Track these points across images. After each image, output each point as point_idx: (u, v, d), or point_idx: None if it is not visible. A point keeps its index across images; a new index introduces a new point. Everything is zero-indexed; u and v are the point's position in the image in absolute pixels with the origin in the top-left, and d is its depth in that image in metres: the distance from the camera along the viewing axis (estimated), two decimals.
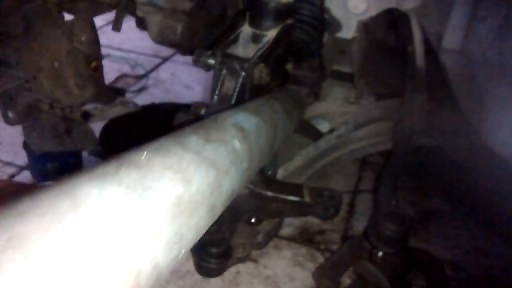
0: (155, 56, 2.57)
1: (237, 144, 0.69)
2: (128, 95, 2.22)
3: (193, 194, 0.54)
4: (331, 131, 1.42)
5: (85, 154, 1.65)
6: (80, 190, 0.41)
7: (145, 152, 0.52)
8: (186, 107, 1.02)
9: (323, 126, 1.45)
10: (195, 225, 0.54)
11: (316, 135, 1.41)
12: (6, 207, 0.37)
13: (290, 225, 1.45)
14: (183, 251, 0.52)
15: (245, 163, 0.70)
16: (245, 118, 0.77)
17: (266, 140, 0.82)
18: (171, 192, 0.50)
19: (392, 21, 1.27)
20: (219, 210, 0.63)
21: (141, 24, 1.35)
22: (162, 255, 0.46)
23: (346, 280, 1.24)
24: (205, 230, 0.59)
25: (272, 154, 0.94)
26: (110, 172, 0.45)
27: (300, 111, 1.20)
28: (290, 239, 1.42)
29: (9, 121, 1.41)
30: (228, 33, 1.06)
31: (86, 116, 1.84)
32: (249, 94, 0.98)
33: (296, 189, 0.97)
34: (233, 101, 0.97)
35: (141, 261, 0.42)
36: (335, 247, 1.39)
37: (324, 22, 1.25)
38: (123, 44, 2.63)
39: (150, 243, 0.44)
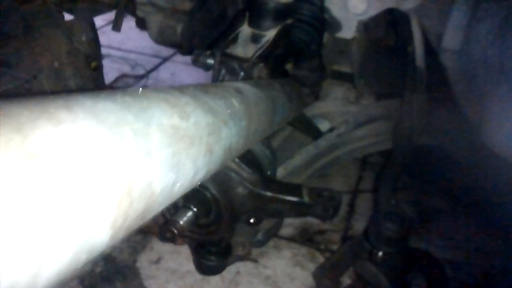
0: (155, 56, 2.57)
1: (235, 102, 0.68)
2: None
3: (191, 127, 0.52)
4: (331, 130, 1.42)
5: None
6: (74, 98, 0.40)
7: (141, 88, 0.51)
8: None
9: (323, 126, 1.44)
10: (193, 158, 0.52)
11: (316, 134, 1.41)
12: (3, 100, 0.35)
13: (290, 225, 1.45)
14: (180, 181, 0.50)
15: (243, 121, 0.69)
16: (244, 86, 0.77)
17: (264, 109, 0.81)
18: (167, 118, 0.49)
19: (392, 21, 1.26)
20: (217, 156, 0.61)
21: (141, 24, 1.35)
22: (156, 174, 0.44)
23: (346, 280, 1.24)
24: (203, 173, 0.58)
25: (272, 130, 0.93)
26: (105, 93, 0.45)
27: (300, 98, 1.19)
28: (290, 239, 1.42)
29: None
30: (227, 33, 1.06)
31: None
32: None
33: (295, 189, 0.97)
34: None
35: (133, 175, 0.41)
36: (335, 247, 1.39)
37: (324, 22, 1.25)
38: (123, 44, 2.63)
39: (144, 159, 0.43)
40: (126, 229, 0.41)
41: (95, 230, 0.37)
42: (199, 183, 0.58)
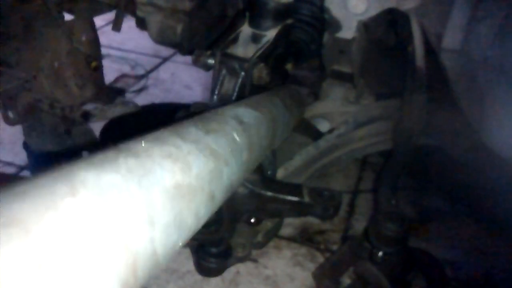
0: (155, 56, 2.57)
1: (236, 135, 0.69)
2: (128, 95, 2.22)
3: (193, 180, 0.53)
4: (331, 130, 1.42)
5: (85, 154, 1.65)
6: (78, 176, 0.40)
7: (143, 142, 0.51)
8: (186, 107, 1.02)
9: (323, 126, 1.45)
10: (195, 212, 0.53)
11: (316, 134, 1.41)
12: (2, 189, 0.36)
13: (290, 225, 1.45)
14: (182, 239, 0.51)
15: (244, 155, 0.70)
16: (244, 112, 0.77)
17: (265, 134, 0.81)
18: (170, 178, 0.49)
19: (392, 21, 1.26)
20: (219, 199, 0.62)
21: (141, 24, 1.35)
22: (160, 241, 0.45)
23: (346, 280, 1.24)
24: (205, 219, 0.58)
25: (272, 149, 0.93)
26: (108, 159, 0.45)
27: (300, 108, 1.20)
28: (290, 239, 1.42)
29: (9, 121, 1.41)
30: (227, 33, 1.06)
31: (86, 116, 1.83)
32: (249, 94, 0.98)
33: (295, 189, 0.97)
34: None
35: (138, 248, 0.41)
36: (335, 247, 1.39)
37: (324, 22, 1.25)
38: (123, 44, 2.63)
39: (148, 227, 0.43)
40: None
41: None
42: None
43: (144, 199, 0.44)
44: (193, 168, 0.54)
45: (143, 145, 0.51)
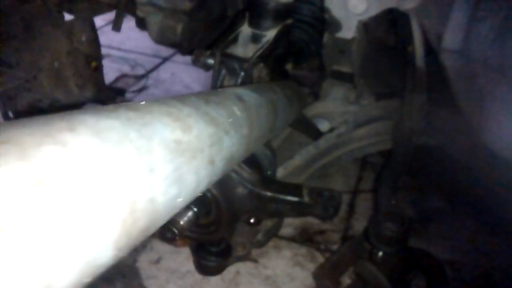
0: (155, 56, 2.57)
1: (237, 110, 0.69)
2: (128, 95, 2.22)
3: (193, 139, 0.53)
4: (331, 130, 1.42)
5: None
6: (77, 117, 0.40)
7: (143, 102, 0.51)
8: None
9: (323, 126, 1.44)
10: (195, 170, 0.53)
11: (316, 134, 1.41)
12: (4, 123, 0.36)
13: (290, 225, 1.45)
14: (182, 195, 0.51)
15: (245, 129, 0.70)
16: (245, 92, 0.77)
17: (266, 116, 0.81)
18: (169, 132, 0.49)
19: (392, 21, 1.26)
20: (218, 166, 0.61)
21: (141, 24, 1.35)
22: (158, 190, 0.45)
23: (346, 280, 1.24)
24: (205, 183, 0.58)
25: (273, 134, 0.93)
26: (108, 109, 0.45)
27: (301, 102, 1.19)
28: (290, 239, 1.42)
29: None
30: (227, 33, 1.06)
31: None
32: None
33: (295, 189, 0.97)
34: None
35: (136, 191, 0.41)
36: (335, 247, 1.39)
37: (324, 22, 1.25)
38: (123, 44, 2.63)
39: (147, 174, 0.43)
40: (129, 247, 0.42)
41: (99, 252, 0.37)
42: (200, 193, 0.58)
43: (144, 145, 0.44)
44: (193, 128, 0.54)
45: (143, 103, 0.51)
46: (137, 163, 0.42)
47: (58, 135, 0.36)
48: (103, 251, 0.37)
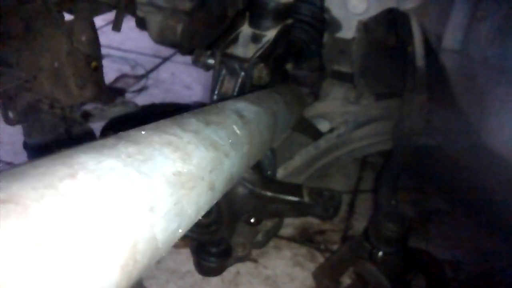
0: (155, 56, 2.57)
1: (237, 129, 0.68)
2: (128, 95, 2.22)
3: (193, 169, 0.53)
4: (331, 130, 1.42)
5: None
6: (77, 160, 0.40)
7: (143, 131, 0.51)
8: (186, 107, 1.02)
9: (323, 126, 1.45)
10: (195, 200, 0.53)
11: (316, 134, 1.41)
12: (2, 171, 0.36)
13: (290, 225, 1.45)
14: (182, 227, 0.50)
15: (245, 148, 0.70)
16: (245, 106, 0.77)
17: (266, 128, 0.81)
18: (170, 165, 0.49)
19: (392, 21, 1.26)
20: (219, 190, 0.61)
21: (141, 24, 1.35)
22: (159, 228, 0.45)
23: (346, 280, 1.24)
24: (205, 209, 0.58)
25: (272, 144, 0.93)
26: (108, 145, 0.45)
27: (301, 106, 1.20)
28: (290, 239, 1.42)
29: (9, 121, 1.41)
30: (227, 33, 1.06)
31: (86, 116, 1.84)
32: None
33: (295, 189, 0.97)
34: None
35: (137, 233, 0.41)
36: (335, 247, 1.39)
37: (324, 22, 1.25)
38: (123, 44, 2.63)
39: (147, 214, 0.43)
40: (128, 287, 0.42)
41: None
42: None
43: (144, 184, 0.44)
44: (193, 157, 0.53)
45: (143, 133, 0.50)
46: (138, 204, 0.42)
47: (60, 186, 0.36)
48: None
